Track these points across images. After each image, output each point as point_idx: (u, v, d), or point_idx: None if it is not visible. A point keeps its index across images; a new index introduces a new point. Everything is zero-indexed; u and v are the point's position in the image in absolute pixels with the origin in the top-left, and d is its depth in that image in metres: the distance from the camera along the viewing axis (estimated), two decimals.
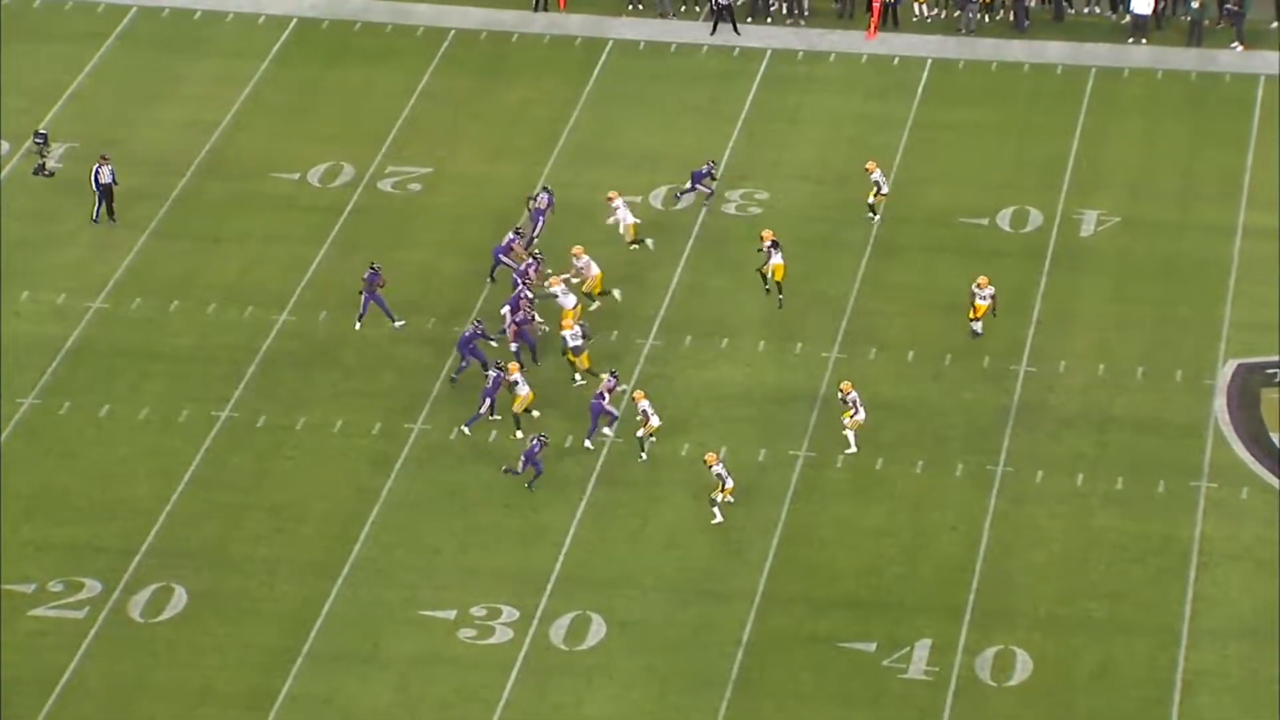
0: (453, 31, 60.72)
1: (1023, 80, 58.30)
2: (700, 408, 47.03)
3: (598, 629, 41.52)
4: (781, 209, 52.83)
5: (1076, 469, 45.24)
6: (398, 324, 49.04)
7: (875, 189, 51.89)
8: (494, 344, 47.67)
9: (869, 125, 56.44)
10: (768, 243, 49.37)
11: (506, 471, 44.63)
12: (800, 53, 59.37)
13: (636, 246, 51.07)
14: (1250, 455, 45.51)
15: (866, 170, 51.89)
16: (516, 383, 45.86)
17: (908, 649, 40.91)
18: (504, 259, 49.95)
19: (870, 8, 60.11)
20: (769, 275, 49.39)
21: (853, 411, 45.26)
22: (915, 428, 46.29)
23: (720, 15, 59.50)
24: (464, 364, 47.33)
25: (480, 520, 44.11)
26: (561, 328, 47.67)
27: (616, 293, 49.27)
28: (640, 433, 45.27)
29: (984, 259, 50.75)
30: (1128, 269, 50.98)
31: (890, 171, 54.00)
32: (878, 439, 45.95)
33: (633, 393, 45.90)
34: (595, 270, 49.19)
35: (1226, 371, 47.71)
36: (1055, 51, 59.19)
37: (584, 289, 49.24)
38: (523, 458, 44.24)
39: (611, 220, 50.98)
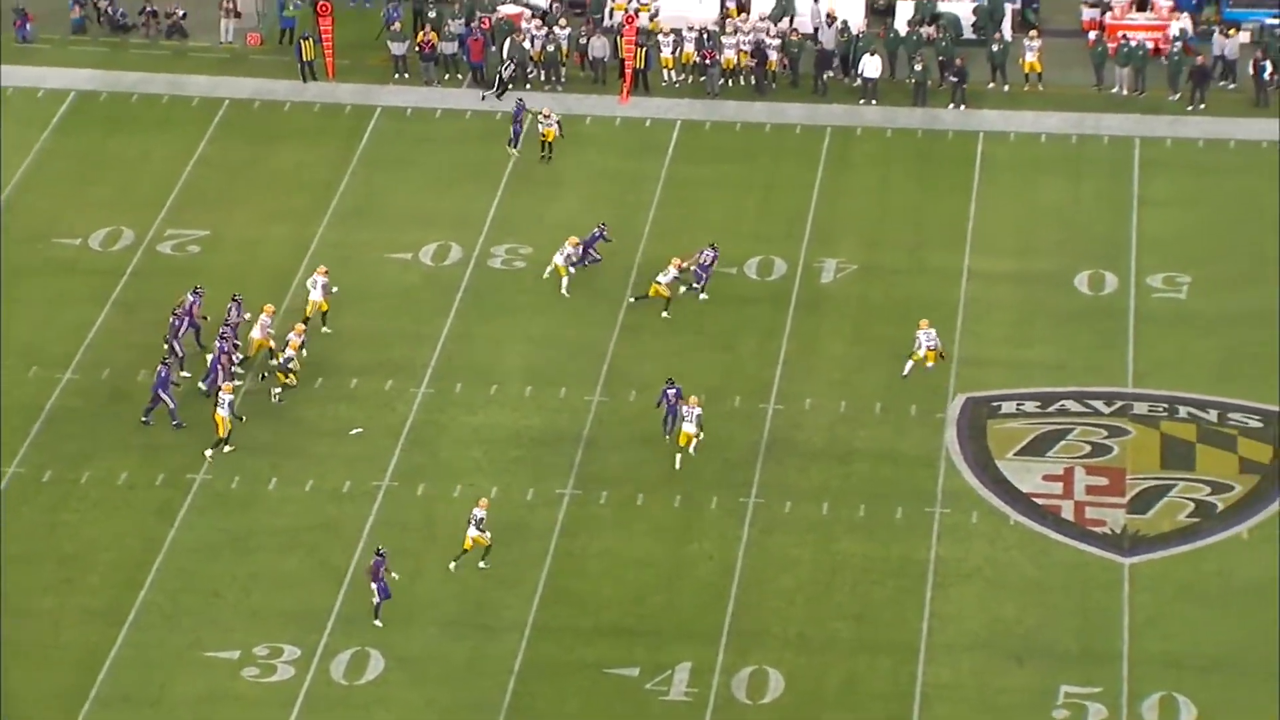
0: (227, 101, 60.25)
1: (765, 139, 58.90)
2: (471, 450, 46.94)
3: (376, 663, 41.25)
4: (544, 262, 52.88)
5: (822, 499, 45.68)
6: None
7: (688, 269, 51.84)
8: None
9: (624, 183, 56.74)
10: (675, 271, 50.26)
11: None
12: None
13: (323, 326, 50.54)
14: (979, 482, 46.22)
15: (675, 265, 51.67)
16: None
17: (669, 672, 41.06)
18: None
19: (622, 74, 60.54)
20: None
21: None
22: (672, 460, 46.53)
23: (502, 84, 59.64)
24: (154, 405, 47.17)
25: (262, 563, 43.66)
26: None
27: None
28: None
29: (735, 305, 51.19)
30: (865, 312, 51.57)
31: (645, 226, 54.41)
32: (640, 475, 46.16)
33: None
34: (258, 334, 48.76)
35: (956, 405, 48.44)
36: (794, 113, 59.87)
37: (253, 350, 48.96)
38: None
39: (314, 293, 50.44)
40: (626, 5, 62.48)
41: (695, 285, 51.34)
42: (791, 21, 62.34)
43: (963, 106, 59.57)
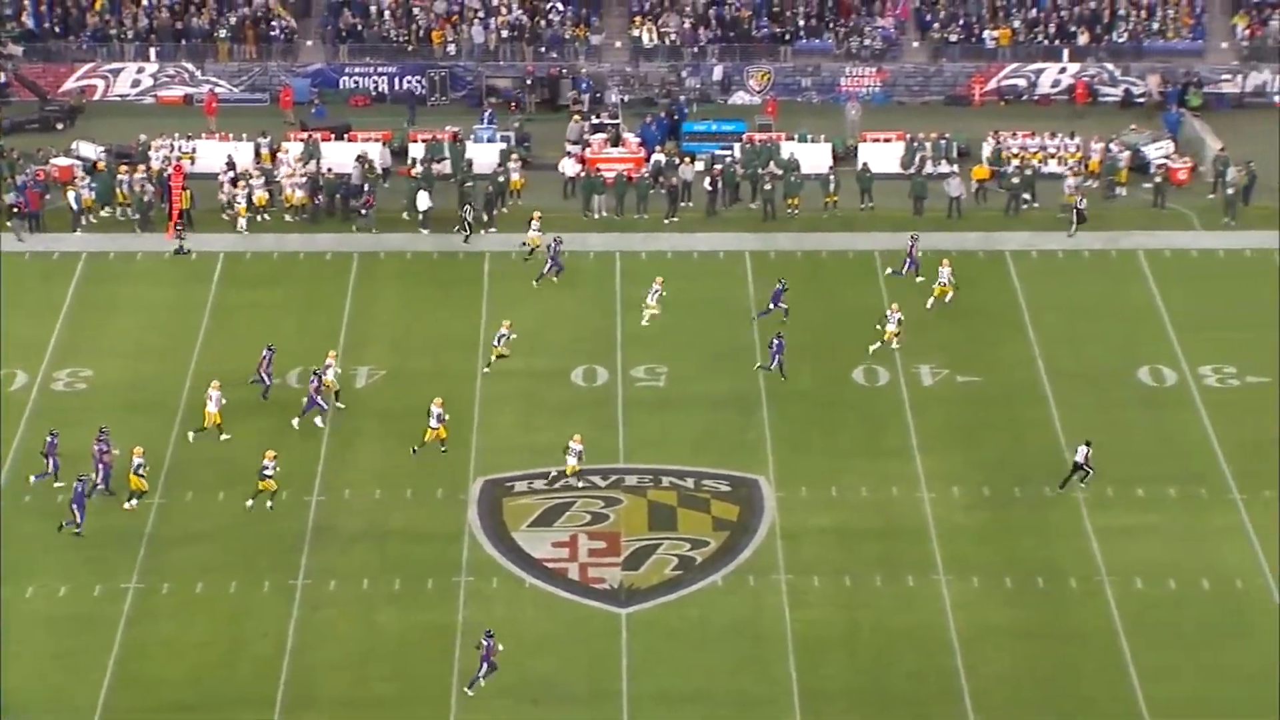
0: None
1: (299, 265, 58.24)
2: (46, 554, 45.08)
3: None
4: (103, 383, 51.24)
5: (362, 576, 45.08)
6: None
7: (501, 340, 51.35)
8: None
9: (176, 309, 55.42)
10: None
11: None
12: (111, 254, 58.13)
13: None
14: (498, 552, 46.22)
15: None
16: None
17: None
18: None
19: (169, 214, 59.36)
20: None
21: None
22: (228, 552, 45.40)
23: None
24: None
25: None
26: None
27: None
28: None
29: (283, 411, 50.23)
30: (394, 411, 51.17)
31: (194, 346, 53.31)
32: (199, 566, 44.92)
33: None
34: None
35: (476, 487, 48.41)
36: (323, 241, 59.34)
37: None
38: None
39: None
40: (171, 154, 61.65)
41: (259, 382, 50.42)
42: (319, 164, 62.09)
43: (491, 229, 59.68)
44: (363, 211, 59.76)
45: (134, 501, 46.65)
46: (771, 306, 54.59)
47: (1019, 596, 44.41)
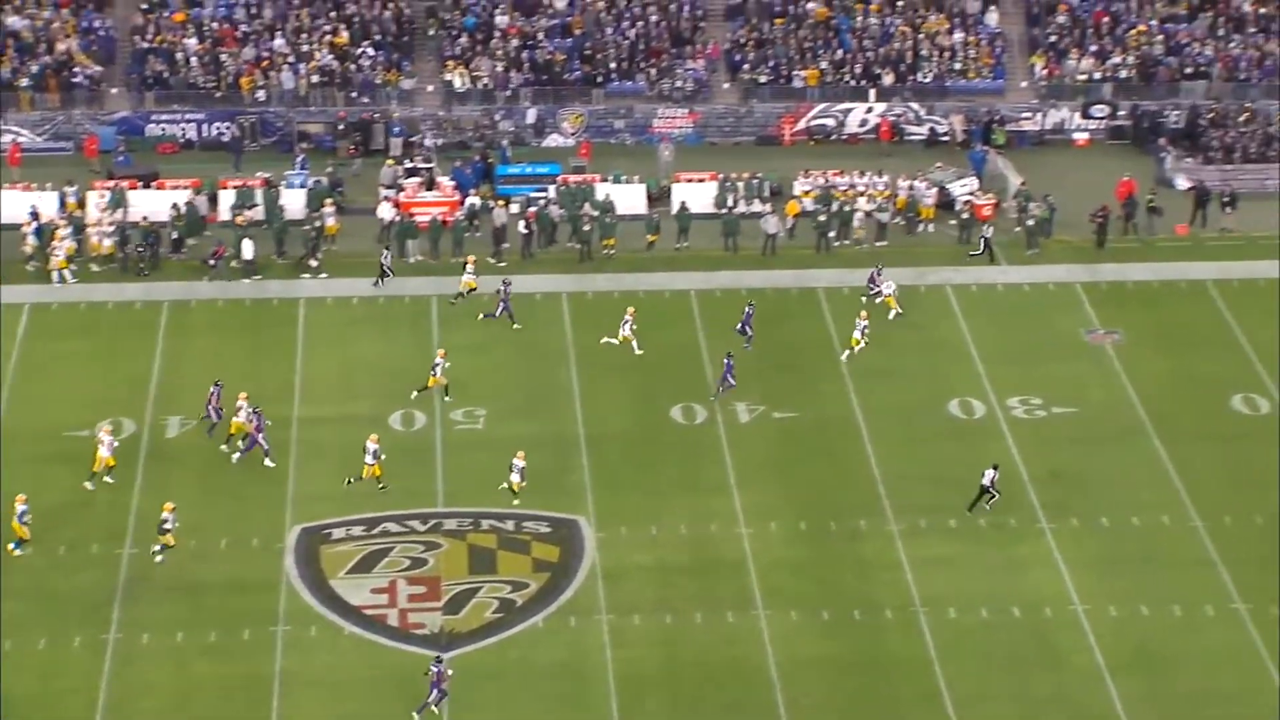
0: None
1: (107, 315, 57.41)
2: None
3: None
4: None
5: (176, 629, 44.48)
6: None
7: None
8: None
9: None
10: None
11: None
12: None
13: None
14: (316, 600, 45.88)
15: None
16: None
17: None
18: None
19: None
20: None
21: None
22: (34, 610, 44.54)
23: None
24: None
25: None
26: None
27: None
28: None
29: (82, 466, 49.43)
30: (208, 460, 50.61)
31: (1, 398, 52.42)
32: (4, 619, 44.08)
33: None
34: None
35: (293, 535, 48.02)
36: (131, 291, 58.62)
37: None
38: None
39: None
40: None
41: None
42: (126, 213, 61.46)
43: (312, 274, 59.50)
44: (212, 262, 59.04)
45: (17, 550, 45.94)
46: (743, 328, 55.42)
47: (836, 628, 44.97)
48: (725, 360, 53.25)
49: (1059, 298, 59.38)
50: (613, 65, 70.11)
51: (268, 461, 50.02)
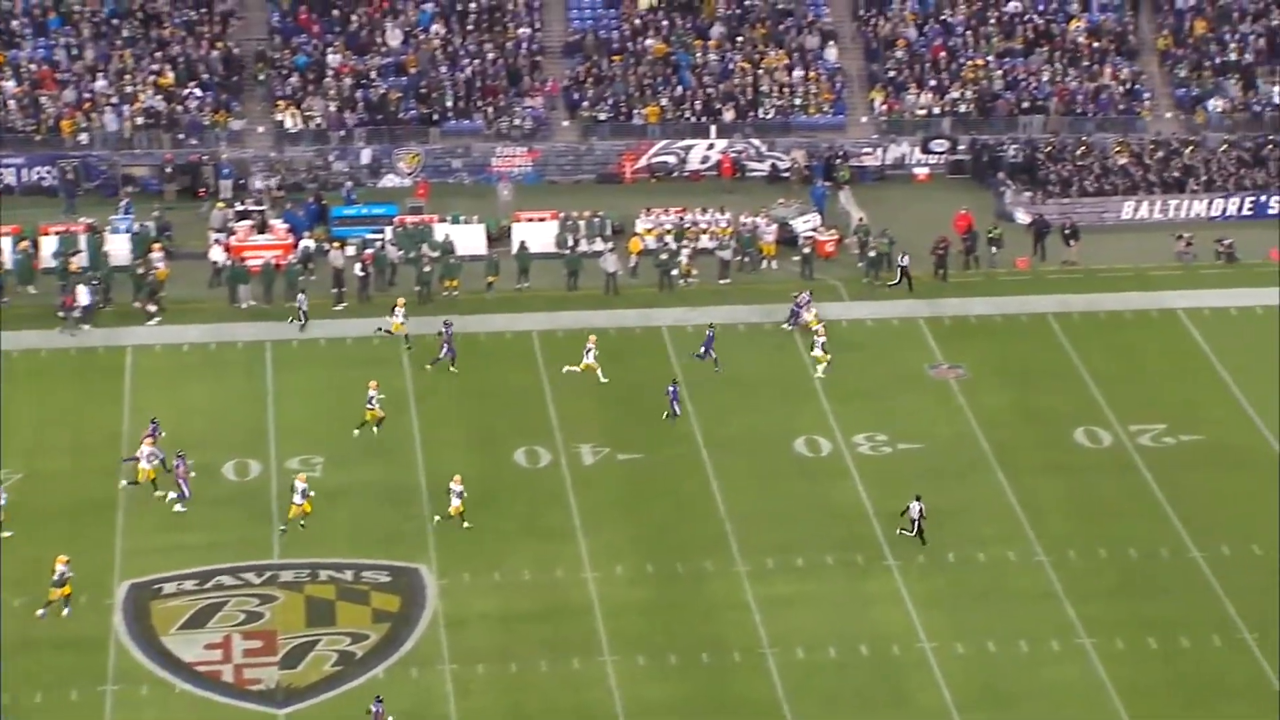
0: None
1: None
2: None
3: None
4: None
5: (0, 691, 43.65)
6: None
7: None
8: None
9: None
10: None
11: None
12: None
13: None
14: (146, 657, 45.17)
15: None
16: None
17: None
18: None
19: None
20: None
21: None
22: None
23: None
24: None
25: None
26: None
27: None
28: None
29: None
30: (31, 515, 49.62)
31: None
32: None
33: None
34: None
35: (121, 591, 47.26)
36: None
37: None
38: None
39: None
40: None
41: None
42: None
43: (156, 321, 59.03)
44: (60, 314, 58.11)
45: None
46: (704, 350, 56.31)
47: (684, 671, 45.03)
48: (669, 389, 54.18)
49: (902, 333, 60.11)
50: (449, 104, 70.03)
51: (179, 507, 49.54)
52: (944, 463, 53.21)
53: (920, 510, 49.20)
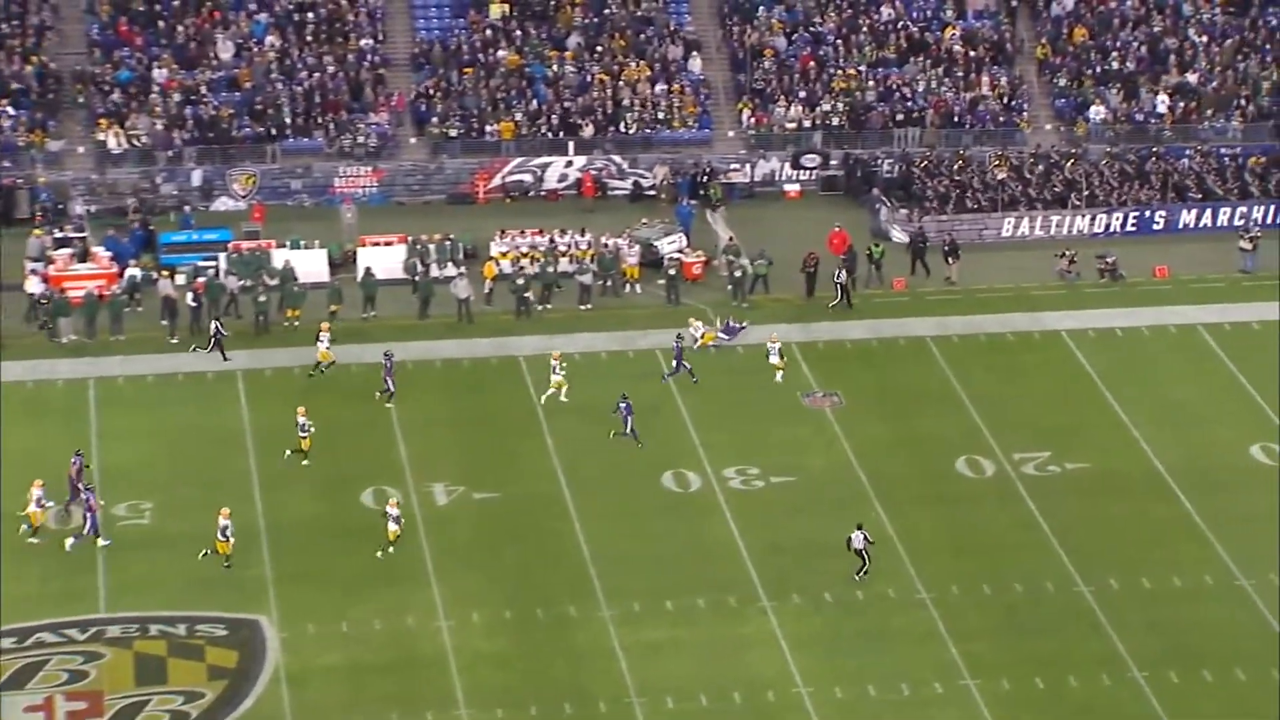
0: None
1: None
2: None
3: None
4: None
5: None
6: None
7: None
8: None
9: None
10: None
11: None
12: None
13: None
14: None
15: None
16: None
17: None
18: None
19: None
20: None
21: None
22: None
23: None
24: None
25: None
26: None
27: None
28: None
29: None
30: None
31: None
32: None
33: None
34: None
35: None
36: None
37: None
38: None
39: None
40: None
41: None
42: None
43: None
44: None
45: None
46: (675, 363, 56.79)
47: None
48: (621, 403, 53.86)
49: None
50: (287, 120, 68.88)
51: (101, 540, 48.72)
52: (819, 496, 52.59)
53: (865, 537, 48.39)
